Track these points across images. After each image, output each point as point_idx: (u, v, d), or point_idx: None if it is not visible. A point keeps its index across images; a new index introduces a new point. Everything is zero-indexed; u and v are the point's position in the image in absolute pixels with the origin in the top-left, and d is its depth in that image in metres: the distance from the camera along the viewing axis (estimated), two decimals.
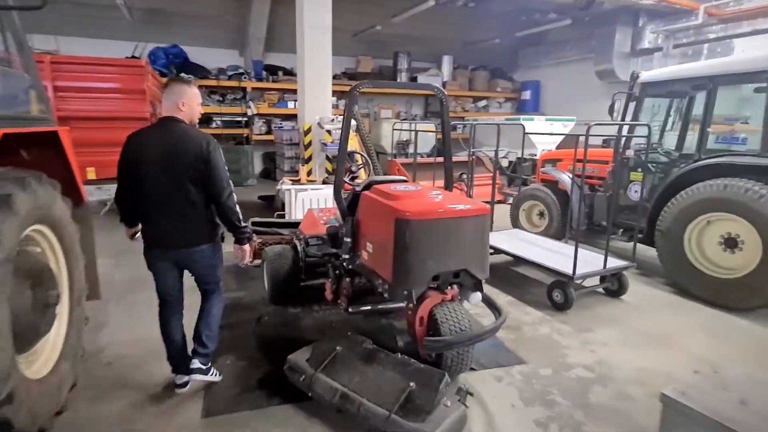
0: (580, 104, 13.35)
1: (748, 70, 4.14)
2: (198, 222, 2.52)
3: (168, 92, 2.52)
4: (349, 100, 3.13)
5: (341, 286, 3.46)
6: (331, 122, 6.21)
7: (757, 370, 3.07)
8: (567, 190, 5.83)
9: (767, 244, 3.79)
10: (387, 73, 13.37)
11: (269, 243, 4.42)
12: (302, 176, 6.28)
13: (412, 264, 2.66)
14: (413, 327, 2.84)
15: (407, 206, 2.70)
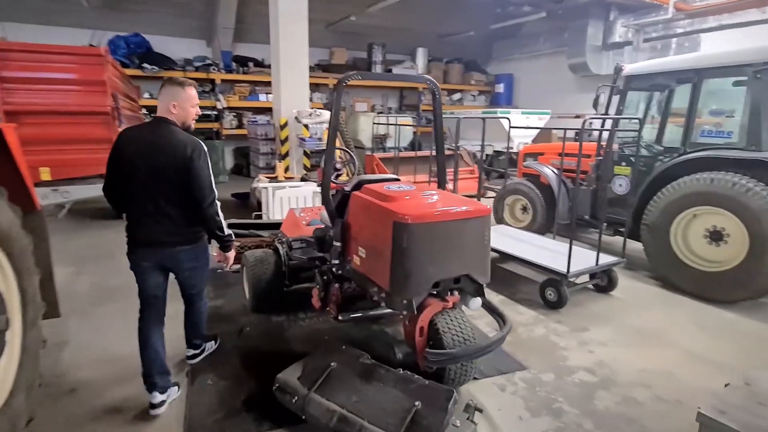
0: (553, 97, 13.45)
1: (732, 63, 4.13)
2: (180, 224, 2.46)
3: (161, 93, 2.49)
4: (337, 93, 2.88)
5: (330, 293, 3.22)
6: (309, 116, 5.90)
7: (756, 367, 3.05)
8: (551, 184, 5.75)
9: (753, 238, 3.80)
10: (362, 65, 13.04)
11: (248, 246, 4.12)
12: (279, 173, 5.96)
13: (411, 271, 2.45)
14: (412, 337, 2.64)
15: (405, 208, 2.48)
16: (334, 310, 3.18)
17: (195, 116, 2.60)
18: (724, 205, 3.96)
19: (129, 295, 4.03)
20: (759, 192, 3.74)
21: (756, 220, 3.75)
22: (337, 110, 2.91)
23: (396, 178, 3.24)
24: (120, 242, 2.56)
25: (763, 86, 3.90)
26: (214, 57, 10.91)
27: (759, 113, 3.93)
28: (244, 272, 3.82)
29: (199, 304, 2.85)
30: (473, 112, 11.22)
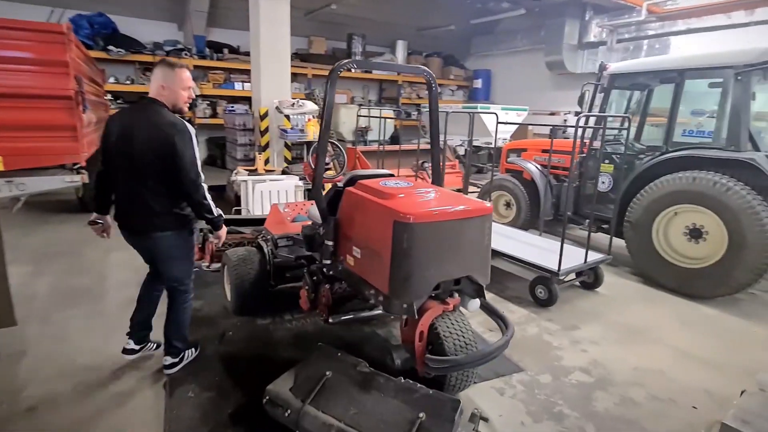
0: (530, 94, 13.55)
1: (714, 65, 4.16)
2: (159, 209, 2.39)
3: (153, 74, 2.46)
4: (331, 82, 2.67)
5: (320, 294, 3.04)
6: (291, 107, 5.62)
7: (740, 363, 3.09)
8: (535, 180, 5.73)
9: (732, 235, 3.86)
10: (341, 56, 12.72)
11: (229, 244, 3.86)
12: (259, 165, 5.67)
13: (413, 273, 2.30)
14: (410, 342, 2.50)
15: (406, 207, 2.32)
16: (324, 312, 3.01)
17: (187, 99, 2.50)
18: (705, 204, 4.01)
19: (95, 297, 3.77)
20: (738, 191, 3.80)
21: (735, 218, 3.81)
22: (330, 101, 2.70)
23: (390, 174, 3.07)
24: (83, 238, 2.30)
25: (743, 88, 3.95)
26: (186, 42, 10.35)
27: (739, 114, 3.98)
28: (225, 272, 3.58)
29: (182, 299, 2.65)
30: (455, 107, 11.15)
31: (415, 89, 14.49)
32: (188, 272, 2.65)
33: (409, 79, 13.99)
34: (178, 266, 2.57)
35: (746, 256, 3.77)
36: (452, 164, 9.69)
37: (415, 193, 2.56)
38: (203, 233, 3.84)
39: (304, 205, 4.17)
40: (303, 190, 5.63)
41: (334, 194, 2.87)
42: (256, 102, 6.12)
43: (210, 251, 3.82)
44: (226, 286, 3.61)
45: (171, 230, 2.44)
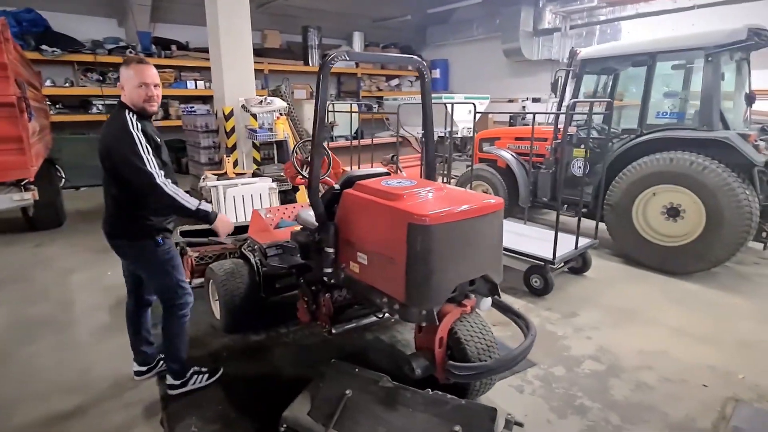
0: (488, 82, 13.72)
1: (685, 47, 4.29)
2: (115, 214, 2.31)
3: None
4: (324, 74, 2.46)
5: (320, 305, 2.85)
6: (259, 105, 5.30)
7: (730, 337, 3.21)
8: (513, 169, 5.76)
9: (710, 213, 4.01)
10: (296, 50, 12.31)
11: (209, 256, 3.57)
12: (228, 169, 5.32)
13: (432, 277, 2.16)
14: (426, 348, 2.38)
15: (420, 208, 2.18)
16: (327, 323, 2.82)
17: (146, 98, 2.25)
18: (682, 183, 4.14)
19: (61, 327, 3.37)
20: (714, 169, 3.95)
21: (712, 196, 3.96)
22: (324, 97, 2.50)
23: (386, 173, 2.91)
24: (34, 260, 2.00)
25: (713, 69, 4.09)
26: (128, 39, 9.60)
27: (710, 95, 4.13)
28: (211, 287, 3.30)
29: (170, 315, 2.44)
30: (417, 98, 11.05)
31: (375, 82, 14.31)
32: (168, 285, 2.41)
33: (369, 71, 13.77)
34: (155, 278, 2.42)
35: (724, 232, 3.93)
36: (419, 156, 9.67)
37: (423, 192, 2.42)
38: (179, 247, 3.52)
39: (286, 209, 3.93)
40: (277, 192, 5.34)
41: (331, 197, 2.68)
42: (219, 101, 5.72)
43: (189, 266, 3.51)
44: (212, 302, 3.34)
45: (129, 239, 2.32)
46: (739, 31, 3.96)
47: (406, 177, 2.76)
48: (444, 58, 14.95)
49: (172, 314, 2.43)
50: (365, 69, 13.56)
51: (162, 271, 2.38)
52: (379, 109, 12.92)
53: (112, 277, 4.00)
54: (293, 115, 5.99)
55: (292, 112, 5.95)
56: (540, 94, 12.96)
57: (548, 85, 12.93)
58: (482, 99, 11.36)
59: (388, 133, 11.71)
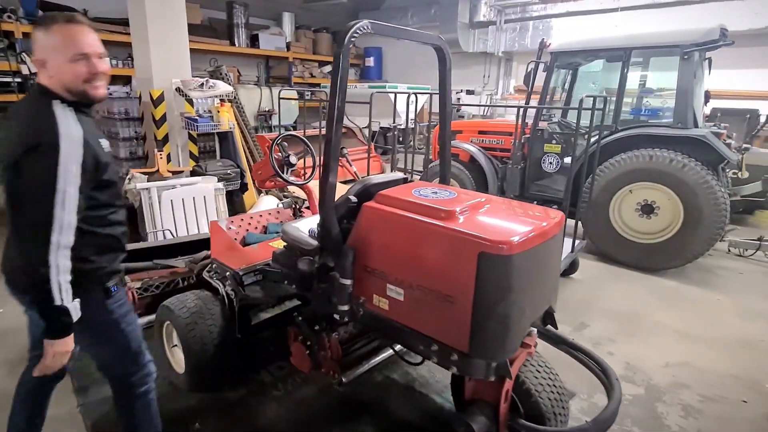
0: (423, 73, 13.38)
1: (662, 44, 4.22)
2: (13, 256, 1.45)
3: None
4: (344, 53, 1.81)
5: (324, 348, 2.20)
6: (199, 88, 4.29)
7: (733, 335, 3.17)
8: (481, 164, 5.45)
9: (688, 210, 4.01)
10: (221, 28, 10.88)
11: (156, 285, 2.69)
12: (161, 166, 4.27)
13: (509, 322, 1.65)
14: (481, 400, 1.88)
15: (493, 231, 1.63)
16: (336, 371, 2.19)
17: (87, 76, 1.40)
18: (662, 181, 4.10)
19: None
20: (694, 167, 3.94)
21: (692, 193, 3.95)
22: (344, 82, 1.83)
23: (405, 178, 2.32)
24: None
25: (689, 67, 4.07)
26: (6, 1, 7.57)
27: (686, 93, 4.11)
28: (165, 331, 2.45)
29: (129, 401, 1.68)
30: (360, 87, 10.41)
31: (307, 68, 13.28)
32: (122, 354, 1.62)
33: (301, 55, 12.72)
34: (103, 346, 1.61)
35: (702, 228, 3.95)
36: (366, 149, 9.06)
37: (477, 207, 1.88)
38: None
39: (251, 219, 3.15)
40: (224, 193, 4.43)
41: (344, 212, 2.03)
42: (144, 83, 4.56)
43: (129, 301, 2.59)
44: (168, 350, 2.49)
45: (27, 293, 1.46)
46: (713, 30, 3.96)
47: (437, 185, 2.19)
48: (378, 46, 14.36)
49: (132, 395, 1.64)
50: (297, 53, 12.50)
51: (114, 334, 1.57)
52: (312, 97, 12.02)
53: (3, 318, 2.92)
54: (238, 102, 5.04)
55: (236, 99, 4.99)
56: (473, 86, 13.01)
57: (481, 78, 13.16)
58: (423, 90, 11.04)
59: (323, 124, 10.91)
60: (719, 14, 7.17)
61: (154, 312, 2.59)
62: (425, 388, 2.45)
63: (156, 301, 2.66)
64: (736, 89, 7.18)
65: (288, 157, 2.81)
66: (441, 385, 2.46)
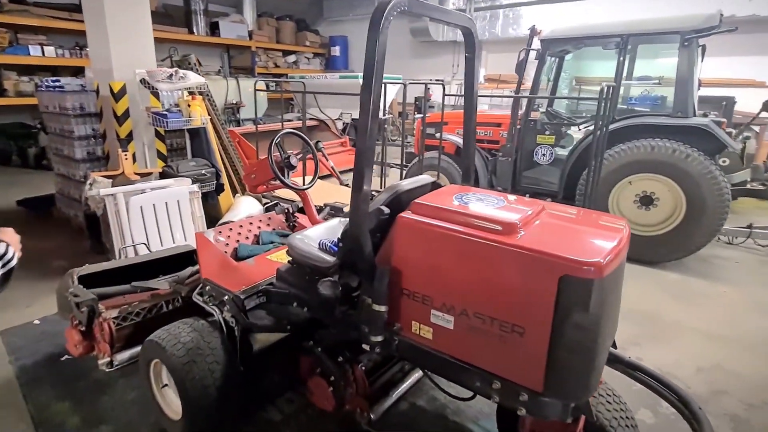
0: (393, 62, 13.00)
1: (661, 30, 4.09)
2: None
3: None
4: (381, 32, 1.47)
5: (349, 381, 1.88)
6: (168, 79, 3.75)
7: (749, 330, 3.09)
8: None
9: (691, 201, 3.93)
10: (177, 15, 10.07)
11: (137, 312, 2.25)
12: (126, 168, 3.73)
13: (595, 355, 1.39)
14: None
15: (575, 250, 1.35)
16: (364, 409, 1.87)
17: None
18: (664, 172, 4.00)
19: None
20: (697, 158, 3.85)
21: (696, 184, 3.87)
22: (380, 65, 1.49)
23: (435, 182, 2.01)
24: None
25: (689, 54, 3.96)
26: None
27: (686, 81, 4.00)
28: (153, 370, 2.03)
29: None
30: (330, 77, 9.93)
31: (271, 57, 12.58)
32: None
33: (264, 44, 12.01)
34: None
35: (705, 219, 3.89)
36: (341, 141, 8.64)
37: (536, 216, 1.59)
38: (86, 308, 2.12)
39: (240, 228, 2.74)
40: (200, 196, 3.94)
41: (375, 225, 1.70)
42: (102, 74, 3.94)
43: (107, 335, 2.14)
44: (156, 392, 2.07)
45: None
46: (713, 16, 3.86)
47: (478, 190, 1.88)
48: (343, 34, 13.83)
49: None
50: (260, 42, 11.79)
51: None
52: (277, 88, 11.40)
53: None
54: (209, 95, 4.51)
55: (209, 91, 4.46)
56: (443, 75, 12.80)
57: (450, 67, 12.95)
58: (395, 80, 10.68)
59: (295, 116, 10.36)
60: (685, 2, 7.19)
61: (136, 343, 2.17)
62: (458, 416, 2.17)
63: (138, 330, 2.24)
64: (711, 77, 7.30)
65: (288, 158, 2.42)
66: (474, 411, 2.19)
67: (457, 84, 12.63)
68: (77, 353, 2.19)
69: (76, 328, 2.23)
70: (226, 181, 4.46)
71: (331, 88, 9.53)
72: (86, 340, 2.19)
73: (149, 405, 2.08)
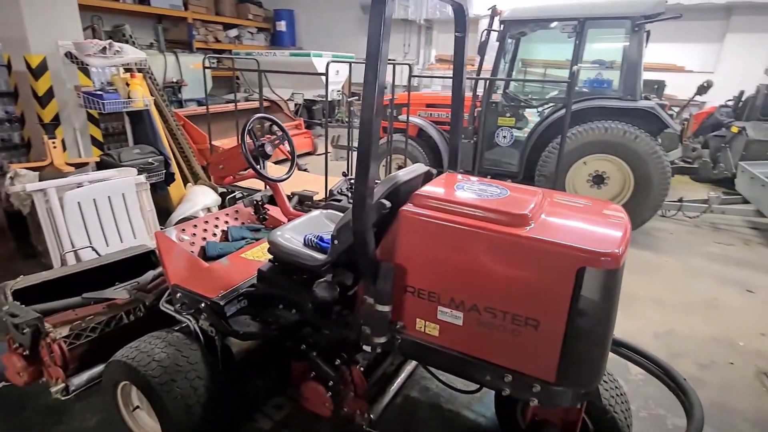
0: (340, 39, 12.62)
1: (614, 15, 4.21)
2: None
3: None
4: (387, 11, 1.31)
5: (346, 383, 1.79)
6: (101, 53, 3.26)
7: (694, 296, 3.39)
8: (435, 140, 5.19)
9: (639, 179, 4.18)
10: None
11: (92, 327, 1.97)
12: (55, 158, 3.25)
13: (605, 344, 1.40)
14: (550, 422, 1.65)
15: (590, 240, 1.33)
16: (363, 410, 1.79)
17: None
18: (615, 152, 4.21)
19: None
20: (644, 138, 4.08)
21: (643, 163, 4.12)
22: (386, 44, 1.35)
23: (429, 171, 1.91)
24: None
25: (638, 39, 4.14)
26: None
27: (635, 65, 4.19)
28: (122, 395, 1.80)
29: None
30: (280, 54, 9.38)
31: (211, 31, 11.63)
32: None
33: (202, 16, 11.05)
34: None
35: (651, 195, 4.16)
36: (296, 123, 8.25)
37: (542, 205, 1.56)
38: (32, 327, 1.81)
39: (206, 223, 2.51)
40: (149, 188, 3.56)
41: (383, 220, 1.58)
42: (13, 45, 3.31)
43: (57, 357, 1.85)
44: (128, 418, 1.84)
45: None
46: (661, 2, 4.04)
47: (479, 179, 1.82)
48: (289, 8, 13.10)
49: None
50: (197, 13, 10.83)
51: None
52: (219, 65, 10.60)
53: None
54: (150, 72, 4.03)
55: (146, 68, 3.98)
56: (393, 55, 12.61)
57: (401, 47, 12.76)
58: (347, 58, 10.35)
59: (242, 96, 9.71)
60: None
61: (95, 362, 1.92)
62: (452, 404, 2.17)
63: (95, 347, 1.97)
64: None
65: (263, 146, 2.20)
66: (467, 398, 2.19)
67: (408, 64, 12.49)
68: (22, 382, 1.88)
69: (16, 353, 1.91)
70: (177, 170, 4.06)
71: (282, 66, 9.03)
72: (32, 365, 1.88)
73: (118, 429, 1.85)
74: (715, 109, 6.94)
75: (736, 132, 5.80)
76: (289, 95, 9.39)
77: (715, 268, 3.94)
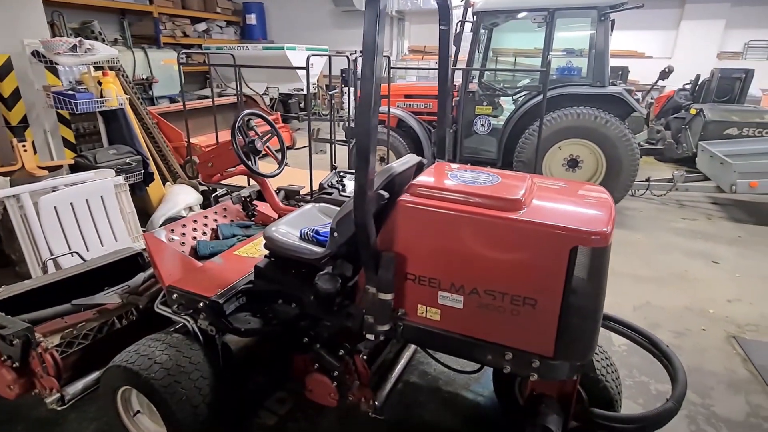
0: (311, 33, 12.43)
1: (582, 5, 4.31)
2: None
3: None
4: (381, 6, 1.31)
5: (353, 373, 1.81)
6: (71, 52, 3.09)
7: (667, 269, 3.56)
8: (416, 130, 5.21)
9: (610, 162, 4.34)
10: None
11: (84, 334, 1.92)
12: (26, 162, 3.09)
13: (597, 318, 1.47)
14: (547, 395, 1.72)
15: (581, 221, 1.39)
16: (369, 398, 1.82)
17: None
18: (587, 137, 4.34)
19: None
20: (614, 122, 4.22)
21: (613, 146, 4.27)
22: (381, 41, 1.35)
23: (420, 161, 1.93)
24: None
25: (605, 28, 4.25)
26: None
27: (603, 53, 4.32)
28: (121, 400, 1.76)
29: None
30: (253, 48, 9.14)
31: (179, 25, 11.21)
32: None
33: (168, 10, 10.62)
34: None
35: (622, 177, 4.33)
36: (274, 118, 8.10)
37: (532, 189, 1.61)
38: (22, 338, 1.74)
39: (194, 223, 2.46)
40: (127, 189, 3.45)
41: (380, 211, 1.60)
42: None
43: (50, 367, 1.79)
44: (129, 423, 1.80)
45: None
46: None
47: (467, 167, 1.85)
48: (259, 1, 12.77)
49: None
50: (164, 6, 10.40)
51: None
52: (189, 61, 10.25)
53: None
54: (122, 70, 3.86)
55: (117, 64, 3.81)
56: None
57: None
58: (321, 51, 10.20)
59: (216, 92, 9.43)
60: None
61: (89, 369, 1.87)
62: (452, 386, 2.22)
63: (88, 354, 1.91)
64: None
65: (253, 142, 2.16)
66: (465, 378, 2.25)
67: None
68: (12, 395, 1.80)
69: (5, 366, 1.83)
70: (155, 170, 3.94)
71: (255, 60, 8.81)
72: (22, 377, 1.80)
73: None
74: (674, 93, 7.23)
75: (695, 114, 6.07)
76: (264, 89, 9.19)
77: (683, 242, 4.15)
